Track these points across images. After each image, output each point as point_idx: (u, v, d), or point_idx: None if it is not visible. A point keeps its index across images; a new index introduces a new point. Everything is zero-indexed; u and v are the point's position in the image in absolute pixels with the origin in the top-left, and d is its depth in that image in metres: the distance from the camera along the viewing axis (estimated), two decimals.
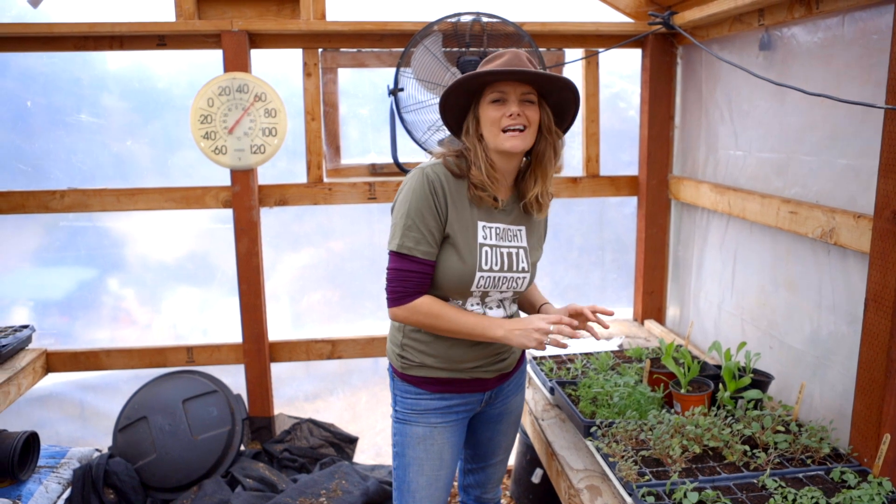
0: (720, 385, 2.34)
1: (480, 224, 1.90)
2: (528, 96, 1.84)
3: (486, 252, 1.88)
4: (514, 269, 1.92)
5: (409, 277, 1.85)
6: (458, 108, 1.91)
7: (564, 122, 1.97)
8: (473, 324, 1.87)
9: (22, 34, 2.96)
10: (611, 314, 1.94)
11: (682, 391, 2.30)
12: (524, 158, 1.98)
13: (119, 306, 3.51)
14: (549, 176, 1.93)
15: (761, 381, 2.37)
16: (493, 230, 1.91)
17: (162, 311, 3.52)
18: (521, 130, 1.82)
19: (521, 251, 1.95)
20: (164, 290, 3.51)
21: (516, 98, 1.82)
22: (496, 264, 1.89)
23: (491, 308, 1.96)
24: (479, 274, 1.88)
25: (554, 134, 1.91)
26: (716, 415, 2.20)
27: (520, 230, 1.96)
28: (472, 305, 1.94)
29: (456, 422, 2.03)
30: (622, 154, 3.60)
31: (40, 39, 3.02)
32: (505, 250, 1.92)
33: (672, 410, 2.31)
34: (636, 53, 3.42)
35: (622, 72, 3.57)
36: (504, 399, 2.11)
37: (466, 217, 1.88)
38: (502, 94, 1.83)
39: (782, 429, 2.11)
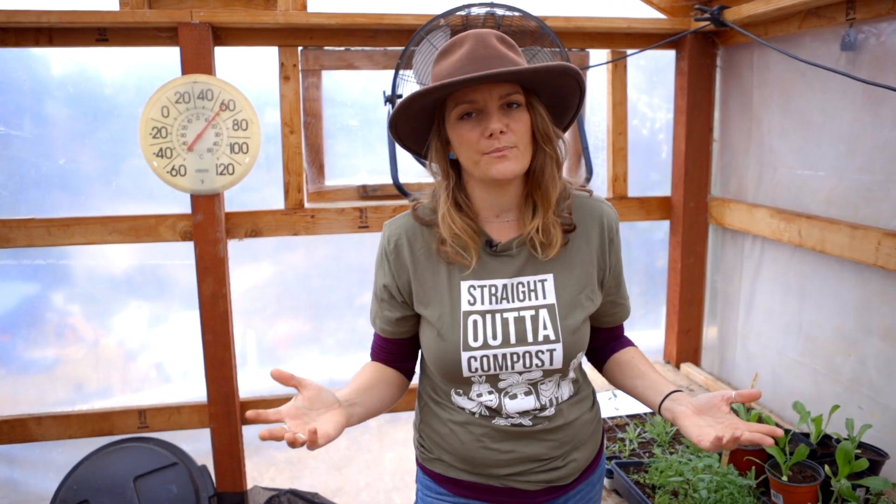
0: (824, 466, 1.87)
1: (465, 285, 1.35)
2: (511, 98, 1.26)
3: (475, 322, 1.33)
4: (531, 339, 1.33)
5: (373, 346, 1.52)
6: (417, 129, 1.36)
7: (564, 118, 1.39)
8: None
9: None
10: (757, 397, 1.23)
11: (784, 479, 1.82)
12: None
13: (65, 322, 2.89)
14: (551, 201, 1.34)
15: (872, 459, 1.91)
16: (485, 290, 1.35)
17: (111, 327, 2.91)
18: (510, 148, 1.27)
19: (544, 312, 1.34)
20: (113, 305, 2.90)
21: (495, 105, 1.25)
22: (494, 337, 1.33)
23: (515, 397, 1.36)
24: (466, 354, 1.33)
25: (553, 140, 1.32)
26: None
27: (541, 280, 1.36)
28: (483, 395, 1.37)
29: None
30: (647, 172, 3.13)
31: None
32: (510, 315, 1.34)
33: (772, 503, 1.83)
34: (644, 55, 2.95)
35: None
36: None
37: (442, 280, 1.37)
38: (473, 105, 1.26)
39: None
